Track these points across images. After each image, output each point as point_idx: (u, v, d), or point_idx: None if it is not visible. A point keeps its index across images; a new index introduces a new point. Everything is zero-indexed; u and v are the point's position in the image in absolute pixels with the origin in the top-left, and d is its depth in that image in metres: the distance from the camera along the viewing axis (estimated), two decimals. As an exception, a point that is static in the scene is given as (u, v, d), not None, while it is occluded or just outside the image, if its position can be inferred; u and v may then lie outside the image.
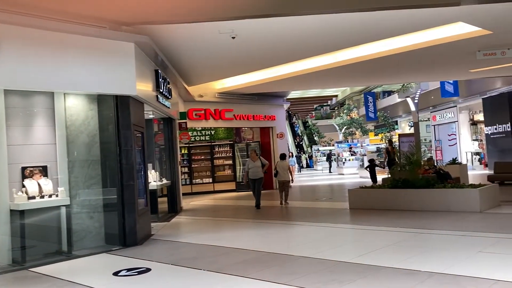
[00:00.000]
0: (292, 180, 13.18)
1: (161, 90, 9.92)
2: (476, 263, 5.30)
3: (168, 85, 10.97)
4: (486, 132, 21.52)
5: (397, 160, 15.63)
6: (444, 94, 22.31)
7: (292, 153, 31.64)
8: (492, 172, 16.02)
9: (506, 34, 10.33)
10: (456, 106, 24.60)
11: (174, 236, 8.86)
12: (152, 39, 8.59)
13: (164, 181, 11.92)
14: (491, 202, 9.57)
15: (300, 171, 35.09)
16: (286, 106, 21.29)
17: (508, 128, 19.37)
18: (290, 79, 14.21)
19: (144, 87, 8.70)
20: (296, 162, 31.14)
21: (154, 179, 11.03)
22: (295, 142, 45.07)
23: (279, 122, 19.55)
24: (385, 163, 16.35)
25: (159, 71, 9.89)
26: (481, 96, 21.65)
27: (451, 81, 21.74)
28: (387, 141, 18.93)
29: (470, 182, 12.29)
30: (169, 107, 11.20)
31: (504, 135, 19.80)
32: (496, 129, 20.45)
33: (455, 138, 25.10)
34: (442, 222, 8.28)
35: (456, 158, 17.33)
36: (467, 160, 23.67)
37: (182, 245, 7.83)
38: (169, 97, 11.03)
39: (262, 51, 10.68)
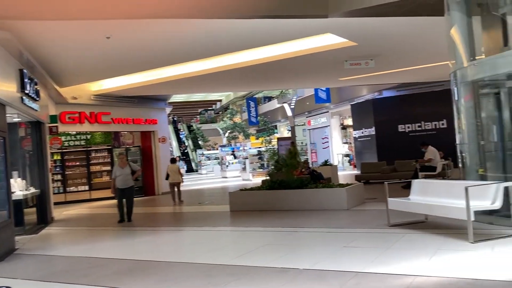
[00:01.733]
0: (182, 181, 14.58)
1: (26, 91, 9.13)
2: (340, 258, 5.74)
3: (36, 86, 10.14)
4: (354, 136, 23.49)
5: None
6: (318, 100, 23.88)
7: (179, 157, 31.40)
8: (359, 172, 17.52)
9: (369, 46, 11.39)
10: (328, 111, 26.49)
11: (43, 249, 8.19)
12: (15, 35, 7.87)
13: (32, 190, 10.96)
14: (357, 200, 10.46)
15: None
16: (168, 110, 20.99)
17: (373, 132, 21.35)
18: (172, 83, 14.06)
19: (5, 88, 7.92)
20: (184, 166, 31.08)
21: (19, 188, 10.08)
22: (180, 147, 44.61)
23: (161, 126, 19.20)
24: None
25: (25, 70, 9.10)
26: (350, 102, 23.60)
27: (324, 88, 23.36)
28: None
29: (340, 182, 13.29)
30: (37, 110, 10.35)
31: (369, 138, 21.79)
32: (362, 132, 22.41)
33: (328, 141, 27.02)
34: (313, 220, 8.84)
35: (328, 160, 18.60)
36: (338, 161, 25.57)
37: (51, 258, 7.27)
38: (37, 99, 10.20)
39: (140, 53, 10.41)
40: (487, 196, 6.07)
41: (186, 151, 43.64)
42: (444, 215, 6.62)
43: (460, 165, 8.18)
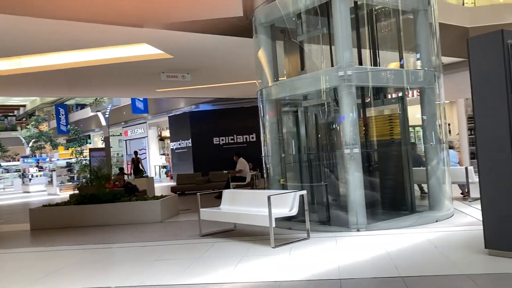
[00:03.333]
0: None
1: None
2: (151, 271, 5.63)
3: None
4: (172, 147, 23.62)
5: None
6: (135, 110, 23.36)
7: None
8: (175, 183, 17.64)
9: (185, 60, 11.62)
10: (146, 122, 26.12)
11: None
12: None
13: None
14: (171, 211, 10.48)
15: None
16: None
17: (189, 143, 21.79)
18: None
19: None
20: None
21: None
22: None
23: None
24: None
25: None
26: (168, 114, 23.70)
27: (141, 99, 22.98)
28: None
29: (156, 194, 13.14)
30: None
31: (186, 149, 22.17)
32: (179, 144, 22.68)
33: (145, 153, 26.58)
34: (127, 234, 8.53)
35: (145, 172, 18.31)
36: (155, 173, 25.34)
37: None
38: None
39: None
40: (286, 203, 6.72)
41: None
42: (250, 223, 7.09)
43: (265, 175, 8.90)
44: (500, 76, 4.90)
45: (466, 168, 9.43)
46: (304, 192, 6.88)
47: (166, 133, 26.18)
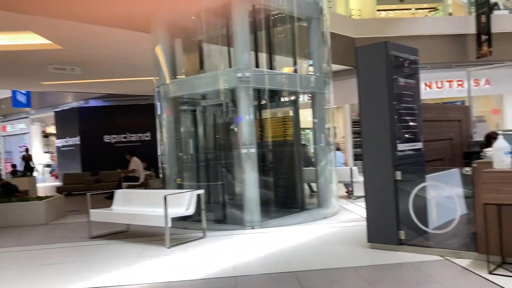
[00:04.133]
0: None
1: None
2: (36, 278, 5.21)
3: None
4: (57, 145, 22.04)
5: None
6: (16, 104, 21.38)
7: None
8: (61, 183, 16.49)
9: (75, 52, 10.92)
10: (28, 117, 24.06)
11: None
12: None
13: None
14: (57, 213, 9.78)
15: None
16: None
17: (77, 141, 20.52)
18: None
19: None
20: None
21: None
22: None
23: None
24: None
25: None
26: (53, 109, 22.07)
27: (24, 92, 21.11)
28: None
29: (40, 195, 12.17)
30: None
31: (73, 147, 20.83)
32: (66, 142, 21.23)
33: (24, 150, 24.47)
34: (5, 238, 7.79)
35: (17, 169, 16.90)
36: (38, 172, 23.44)
37: None
38: None
39: None
40: (183, 203, 6.66)
41: None
42: (145, 224, 6.90)
43: (161, 175, 8.72)
44: (383, 84, 5.36)
45: (351, 169, 10.15)
46: (201, 191, 6.88)
47: (51, 129, 24.36)
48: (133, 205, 7.38)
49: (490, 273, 4.25)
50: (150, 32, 8.70)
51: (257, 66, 8.69)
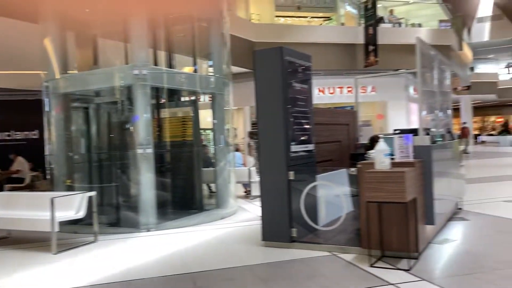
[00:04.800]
0: None
1: None
2: None
3: None
4: None
5: None
6: None
7: None
8: None
9: None
10: None
11: None
12: None
13: None
14: None
15: None
16: None
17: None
18: None
19: None
20: None
21: None
22: None
23: None
24: None
25: None
26: None
27: None
28: None
29: None
30: None
31: None
32: None
33: None
34: None
35: None
36: None
37: None
38: None
39: None
40: (72, 206, 6.27)
41: None
42: (29, 229, 6.39)
43: (49, 176, 8.14)
44: (278, 87, 5.56)
45: (249, 169, 10.36)
46: (93, 193, 6.54)
47: None
48: (15, 208, 6.78)
49: (371, 266, 4.60)
50: (38, 22, 8.09)
51: (155, 64, 8.50)
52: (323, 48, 15.29)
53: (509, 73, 34.17)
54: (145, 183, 7.18)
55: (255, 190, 9.74)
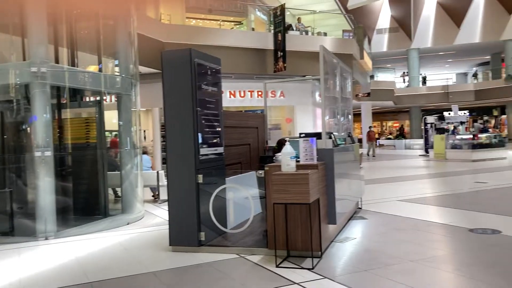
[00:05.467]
0: None
1: None
2: None
3: None
4: None
5: None
6: None
7: None
8: None
9: None
10: None
11: None
12: None
13: None
14: None
15: None
16: None
17: None
18: None
19: None
20: None
21: None
22: None
23: None
24: None
25: None
26: None
27: None
28: None
29: None
30: None
31: None
32: None
33: None
34: None
35: None
36: None
37: None
38: None
39: None
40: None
41: None
42: None
43: None
44: (188, 89, 5.49)
45: (158, 172, 10.12)
46: (-19, 200, 5.97)
47: None
48: None
49: (277, 266, 4.71)
50: None
51: (56, 61, 8.00)
52: (234, 52, 15.43)
53: (404, 82, 37.07)
54: (43, 188, 6.70)
55: (164, 194, 9.54)
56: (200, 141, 5.55)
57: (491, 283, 4.04)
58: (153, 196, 10.61)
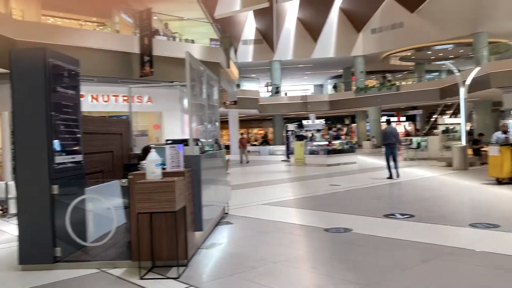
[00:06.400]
0: None
1: None
2: None
3: None
4: None
5: None
6: None
7: None
8: None
9: None
10: None
11: None
12: None
13: None
14: None
15: None
16: None
17: None
18: None
19: None
20: None
21: None
22: None
23: None
24: None
25: None
26: None
27: None
28: None
29: None
30: None
31: None
32: None
33: None
34: None
35: None
36: None
37: None
38: None
39: None
40: None
41: None
42: None
43: None
44: (41, 92, 5.02)
45: (6, 183, 9.08)
46: None
47: None
48: None
49: (141, 278, 4.53)
50: None
51: None
52: (97, 54, 14.58)
53: (268, 91, 38.92)
54: None
55: (14, 208, 8.58)
56: (55, 148, 5.11)
57: (342, 278, 4.40)
58: (1, 210, 9.49)
